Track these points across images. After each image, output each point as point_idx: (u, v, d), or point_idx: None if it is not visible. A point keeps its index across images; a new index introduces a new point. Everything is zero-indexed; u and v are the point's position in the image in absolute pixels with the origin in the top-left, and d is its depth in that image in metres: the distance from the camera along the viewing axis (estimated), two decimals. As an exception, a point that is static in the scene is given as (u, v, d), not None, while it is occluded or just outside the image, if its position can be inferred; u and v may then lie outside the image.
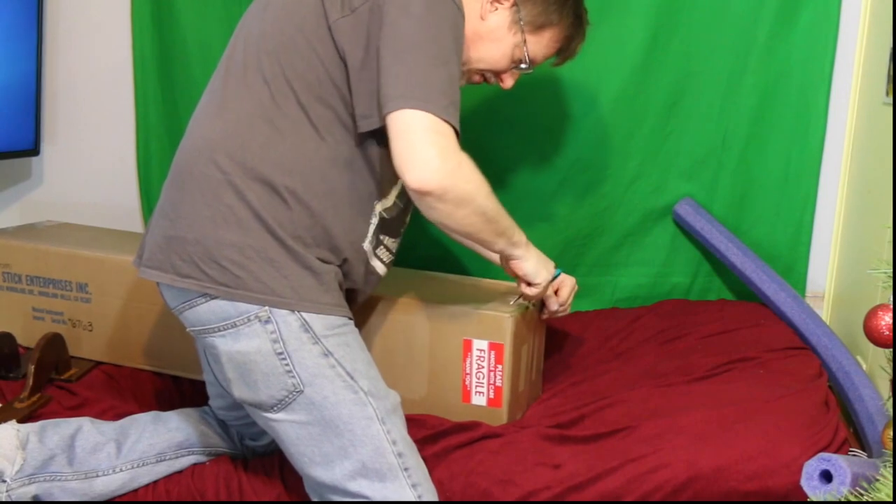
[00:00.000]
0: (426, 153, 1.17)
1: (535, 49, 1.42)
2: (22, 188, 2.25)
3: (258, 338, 1.24)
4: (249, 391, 1.27)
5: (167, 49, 2.12)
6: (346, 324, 1.30)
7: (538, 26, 1.40)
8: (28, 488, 1.38)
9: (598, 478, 1.33)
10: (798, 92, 1.91)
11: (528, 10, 1.38)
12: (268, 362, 1.24)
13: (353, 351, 1.29)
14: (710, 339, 1.77)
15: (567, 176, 2.02)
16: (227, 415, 1.52)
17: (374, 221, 1.35)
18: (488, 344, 1.47)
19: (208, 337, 1.27)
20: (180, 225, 1.25)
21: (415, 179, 1.17)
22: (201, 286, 1.23)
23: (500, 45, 1.39)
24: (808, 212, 1.96)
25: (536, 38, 1.41)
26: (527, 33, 1.39)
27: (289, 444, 1.29)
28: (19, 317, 1.79)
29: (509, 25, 1.38)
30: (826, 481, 1.06)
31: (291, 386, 1.25)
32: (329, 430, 1.26)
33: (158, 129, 2.17)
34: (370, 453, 1.26)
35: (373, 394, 1.28)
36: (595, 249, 2.07)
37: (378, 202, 1.35)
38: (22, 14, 2.03)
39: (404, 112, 1.17)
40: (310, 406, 1.25)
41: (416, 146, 1.17)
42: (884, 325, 1.06)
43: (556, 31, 1.42)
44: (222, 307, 1.24)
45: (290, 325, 1.24)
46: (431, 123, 1.17)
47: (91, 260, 1.72)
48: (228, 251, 1.22)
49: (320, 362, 1.25)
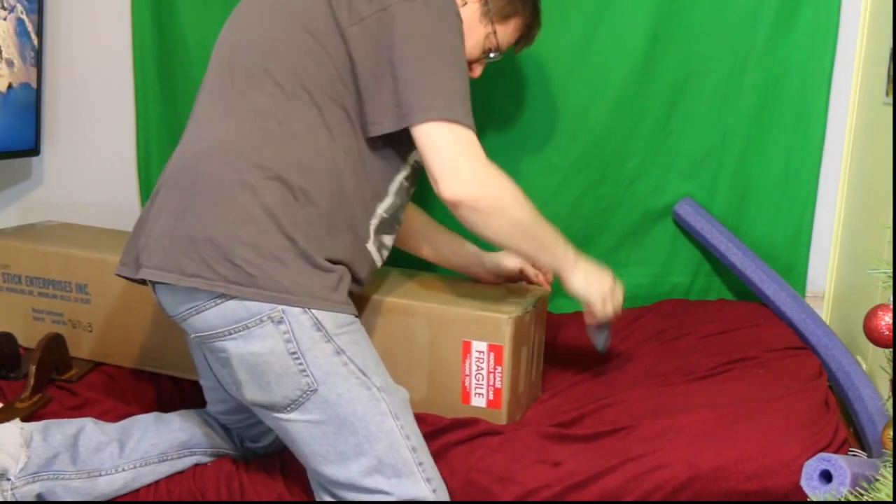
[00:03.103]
0: (458, 165, 1.24)
1: (503, 38, 1.49)
2: (22, 188, 2.25)
3: (271, 338, 1.23)
4: (262, 393, 1.27)
5: (167, 49, 2.12)
6: (354, 321, 1.31)
7: (505, 16, 1.47)
8: (32, 487, 1.38)
9: (598, 476, 1.33)
10: (798, 92, 1.91)
11: (496, 3, 1.45)
12: (281, 363, 1.24)
13: (363, 348, 1.30)
14: (710, 339, 1.77)
15: (567, 176, 2.02)
16: (227, 418, 1.52)
17: (375, 222, 1.36)
18: (487, 345, 1.47)
19: (217, 341, 1.26)
20: (189, 224, 1.24)
21: (448, 190, 1.24)
22: (212, 285, 1.22)
23: (471, 37, 1.43)
24: (808, 212, 1.96)
25: (503, 27, 1.48)
26: (496, 24, 1.46)
27: (302, 444, 1.29)
28: (19, 317, 1.79)
29: (479, 18, 1.44)
30: (826, 481, 1.07)
31: (305, 385, 1.25)
32: (344, 427, 1.26)
33: (158, 129, 2.17)
34: (386, 449, 1.26)
35: (385, 389, 1.29)
36: (595, 249, 2.06)
37: (380, 203, 1.36)
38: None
39: (432, 125, 1.23)
40: (324, 405, 1.25)
41: (448, 159, 1.23)
42: (884, 325, 1.06)
43: (519, 20, 1.50)
44: (233, 309, 1.23)
45: (303, 324, 1.24)
46: (459, 134, 1.24)
47: (90, 261, 1.72)
48: (242, 250, 1.22)
49: (333, 360, 1.25)
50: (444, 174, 1.23)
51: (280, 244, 1.23)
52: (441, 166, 1.23)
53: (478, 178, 1.25)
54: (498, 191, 1.28)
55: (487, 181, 1.26)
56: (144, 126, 2.17)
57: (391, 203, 1.39)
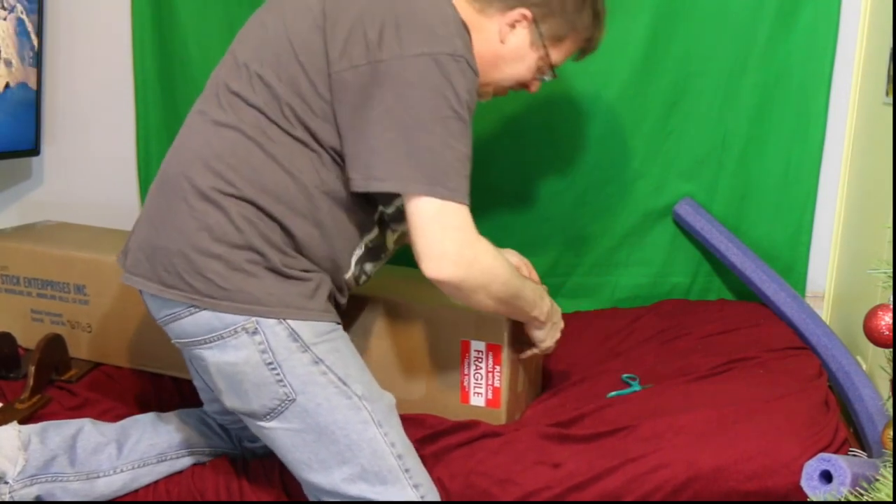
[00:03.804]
0: (443, 247, 1.18)
1: (557, 57, 1.41)
2: (22, 188, 2.25)
3: (246, 349, 1.22)
4: (240, 401, 1.27)
5: (167, 49, 2.12)
6: (334, 329, 1.29)
7: (558, 38, 1.38)
8: (30, 489, 1.37)
9: (598, 477, 1.33)
10: (798, 92, 1.91)
11: (548, 26, 1.35)
12: (257, 373, 1.23)
13: (343, 356, 1.28)
14: (710, 339, 1.77)
15: (567, 176, 2.02)
16: (223, 418, 1.52)
17: (359, 252, 1.35)
18: (486, 345, 1.47)
19: (195, 349, 1.26)
20: (164, 235, 1.24)
21: (430, 271, 1.19)
22: (187, 297, 1.22)
23: (523, 63, 1.38)
24: (808, 212, 1.96)
25: (557, 48, 1.40)
26: (548, 46, 1.38)
27: (284, 451, 1.29)
28: (18, 318, 1.79)
29: (530, 43, 1.36)
30: (826, 481, 1.07)
31: (283, 395, 1.24)
32: (324, 436, 1.25)
33: (158, 129, 2.17)
34: (369, 457, 1.26)
35: (367, 398, 1.27)
36: (595, 249, 2.06)
37: (366, 234, 1.35)
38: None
39: (420, 200, 1.17)
40: (303, 414, 1.25)
41: (433, 239, 1.18)
42: (884, 325, 1.06)
43: (576, 36, 1.40)
44: (207, 319, 1.22)
45: (278, 334, 1.23)
46: (448, 212, 1.18)
47: (88, 262, 1.72)
48: (213, 263, 1.21)
49: (311, 370, 1.24)
50: (428, 255, 1.18)
51: (250, 258, 1.22)
52: (425, 246, 1.19)
53: (462, 261, 1.19)
54: (481, 272, 1.23)
55: (472, 263, 1.21)
56: (144, 126, 2.17)
57: (378, 233, 1.37)
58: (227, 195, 1.22)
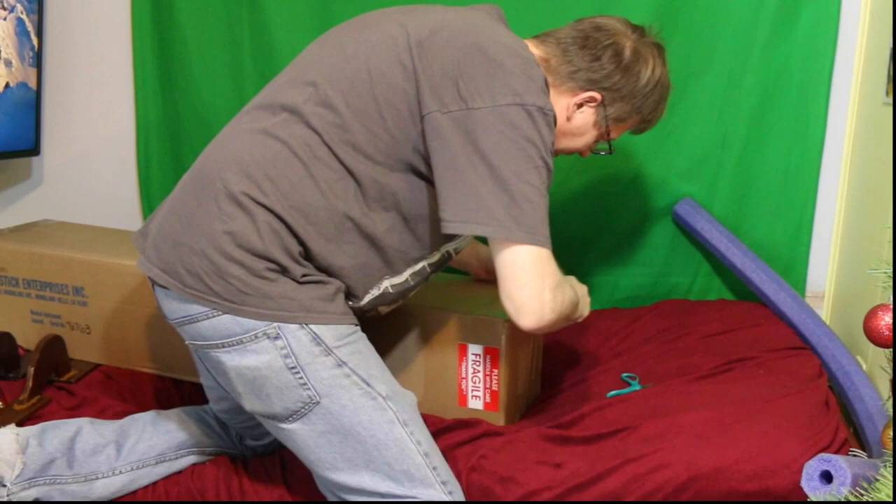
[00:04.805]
0: (542, 298, 1.21)
1: (616, 135, 1.44)
2: (22, 188, 2.25)
3: (268, 353, 1.22)
4: (262, 404, 1.27)
5: (167, 49, 2.12)
6: (354, 331, 1.29)
7: (622, 120, 1.41)
8: (28, 492, 1.37)
9: (598, 478, 1.33)
10: (798, 92, 1.91)
11: (615, 109, 1.38)
12: (280, 377, 1.23)
13: (365, 357, 1.29)
14: (710, 339, 1.77)
15: (567, 176, 2.02)
16: (229, 418, 1.52)
17: (375, 293, 1.33)
18: (483, 349, 1.47)
19: (212, 352, 1.26)
20: (189, 233, 1.23)
21: (532, 323, 1.22)
22: (207, 301, 1.22)
23: (582, 139, 1.41)
24: (808, 212, 1.96)
25: (619, 127, 1.43)
26: (610, 126, 1.40)
27: (306, 451, 1.29)
28: (18, 319, 1.79)
29: (594, 123, 1.39)
30: (826, 482, 1.06)
31: (307, 398, 1.24)
32: (350, 437, 1.25)
33: (158, 129, 2.17)
34: (396, 456, 1.26)
35: (391, 398, 1.28)
36: (595, 249, 2.06)
37: (391, 277, 1.33)
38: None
39: (519, 248, 1.19)
40: (327, 416, 1.25)
41: (533, 290, 1.21)
42: (884, 325, 1.06)
43: (639, 118, 1.43)
44: (226, 324, 1.22)
45: (301, 339, 1.23)
46: (543, 259, 1.21)
47: (86, 263, 1.71)
48: (234, 268, 1.20)
49: (335, 373, 1.24)
50: (528, 309, 1.21)
51: (270, 267, 1.21)
52: (525, 298, 1.21)
53: (557, 306, 1.23)
54: (563, 312, 1.27)
55: (558, 310, 1.24)
56: (144, 126, 2.17)
57: (402, 282, 1.35)
58: (257, 203, 1.21)
